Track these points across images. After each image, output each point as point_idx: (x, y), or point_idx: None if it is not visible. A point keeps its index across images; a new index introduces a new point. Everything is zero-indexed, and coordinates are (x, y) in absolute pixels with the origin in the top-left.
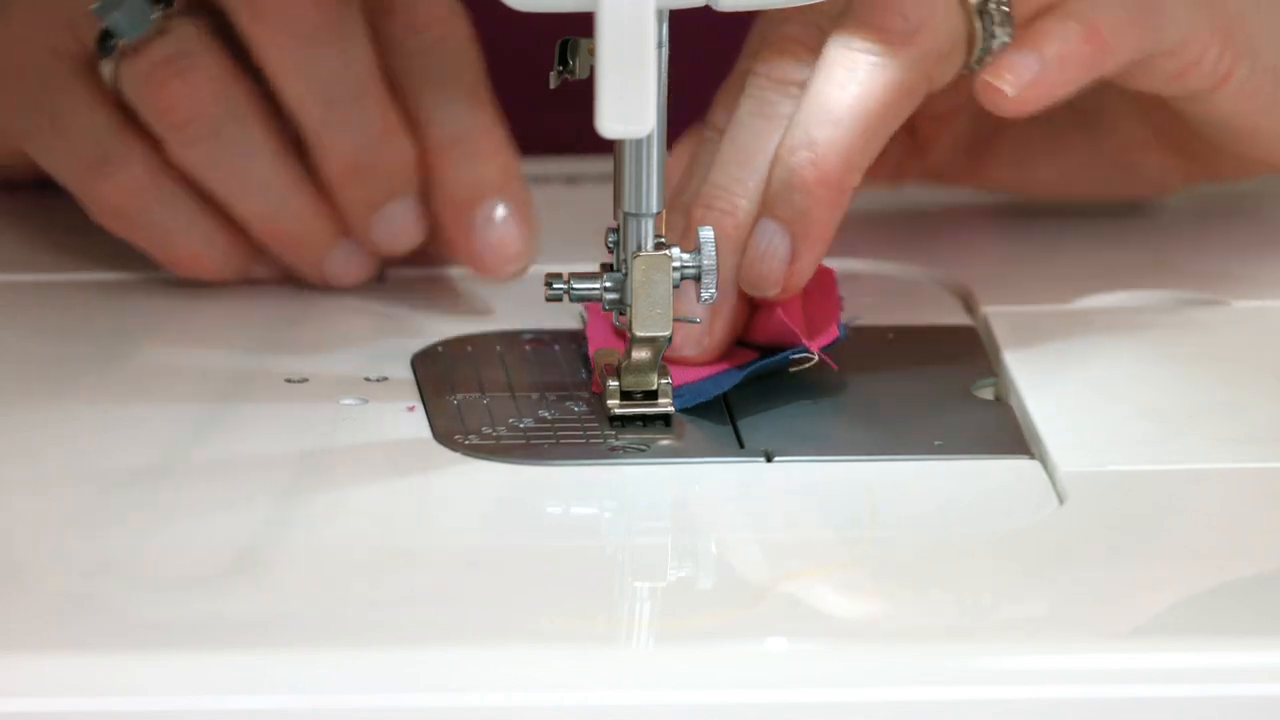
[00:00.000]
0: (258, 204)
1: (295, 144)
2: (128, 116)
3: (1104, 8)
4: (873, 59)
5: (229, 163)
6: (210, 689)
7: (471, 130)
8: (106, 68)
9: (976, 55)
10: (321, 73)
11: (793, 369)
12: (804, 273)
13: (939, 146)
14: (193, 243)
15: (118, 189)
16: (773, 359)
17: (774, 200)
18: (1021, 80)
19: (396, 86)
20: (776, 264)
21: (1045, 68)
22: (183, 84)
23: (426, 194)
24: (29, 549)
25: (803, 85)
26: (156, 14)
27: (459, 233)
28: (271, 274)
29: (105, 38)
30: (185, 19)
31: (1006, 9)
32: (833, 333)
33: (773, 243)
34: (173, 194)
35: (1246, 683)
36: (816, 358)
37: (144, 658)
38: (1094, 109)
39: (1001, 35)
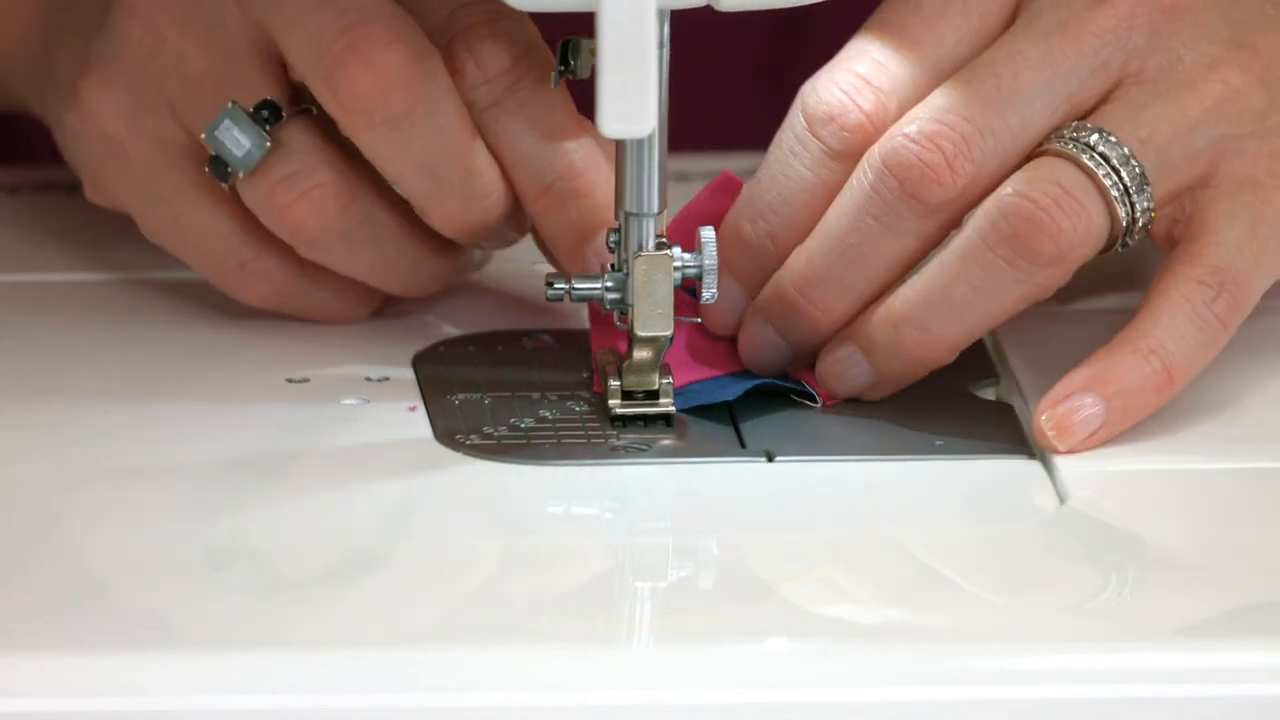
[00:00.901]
0: (394, 275)
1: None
2: (254, 220)
3: (1188, 340)
4: (1014, 273)
5: (362, 256)
6: (210, 689)
7: (562, 171)
8: (224, 184)
9: (1110, 250)
10: (417, 150)
11: (795, 397)
12: (876, 397)
13: None
14: (340, 309)
15: (261, 294)
16: (778, 381)
17: (870, 345)
18: (1078, 435)
19: (486, 135)
20: (853, 386)
21: (1110, 418)
22: (306, 207)
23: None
24: (29, 549)
25: (936, 210)
26: (267, 137)
27: (572, 265)
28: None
29: (217, 162)
30: (294, 126)
31: (1148, 219)
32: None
33: (855, 369)
34: (314, 284)
35: (1246, 683)
36: (821, 405)
37: (144, 658)
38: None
39: (1139, 236)
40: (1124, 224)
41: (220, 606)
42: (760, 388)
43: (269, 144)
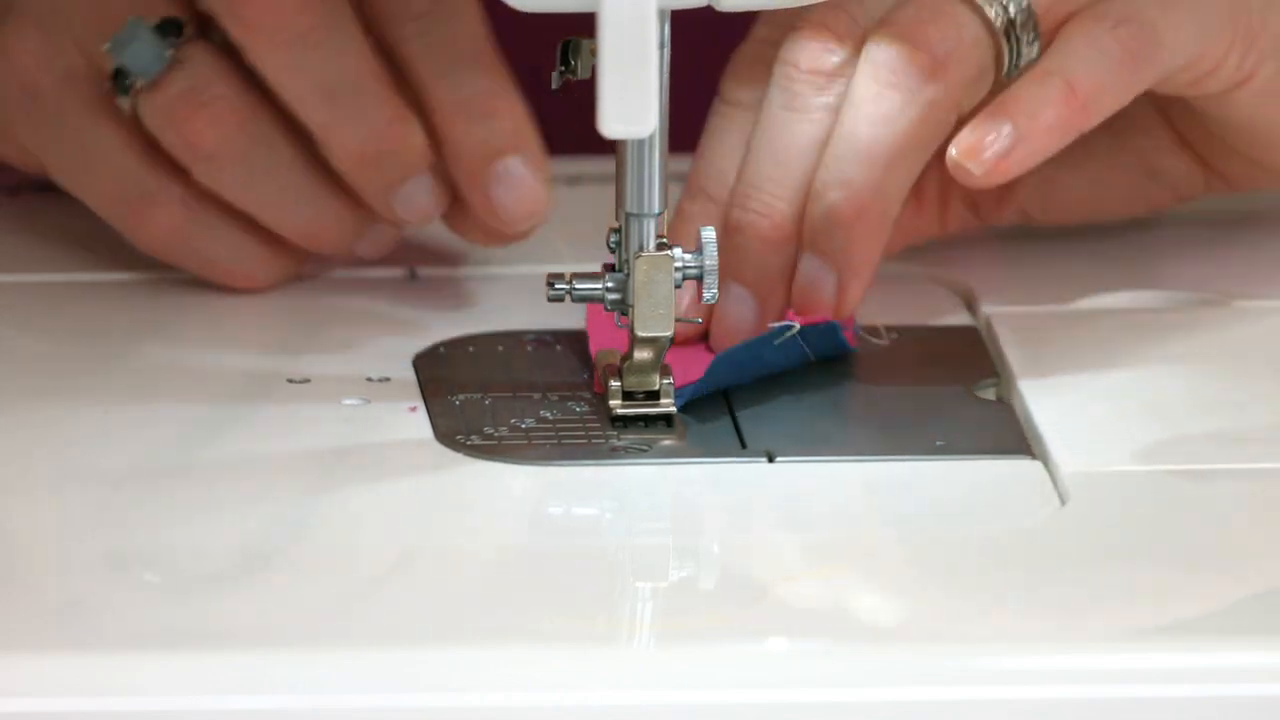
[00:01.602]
0: (292, 215)
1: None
2: (155, 147)
3: (1088, 62)
4: (900, 95)
5: (260, 183)
6: (210, 689)
7: (478, 91)
8: (124, 103)
9: (1006, 71)
10: (317, 71)
11: (775, 341)
12: (854, 300)
13: None
14: (240, 263)
15: (160, 227)
16: (758, 339)
17: (815, 237)
18: (988, 156)
19: (406, 72)
20: (825, 296)
21: (1018, 138)
22: (206, 117)
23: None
24: (29, 549)
25: (833, 75)
26: (169, 49)
27: (474, 193)
28: (313, 269)
29: (119, 75)
30: (196, 46)
31: (1033, 24)
32: (824, 319)
33: (818, 278)
34: (214, 222)
35: (1248, 683)
36: (798, 326)
37: (144, 658)
38: (1119, 113)
39: (1030, 51)
40: (997, 22)
41: (221, 606)
42: (751, 362)
43: (171, 52)
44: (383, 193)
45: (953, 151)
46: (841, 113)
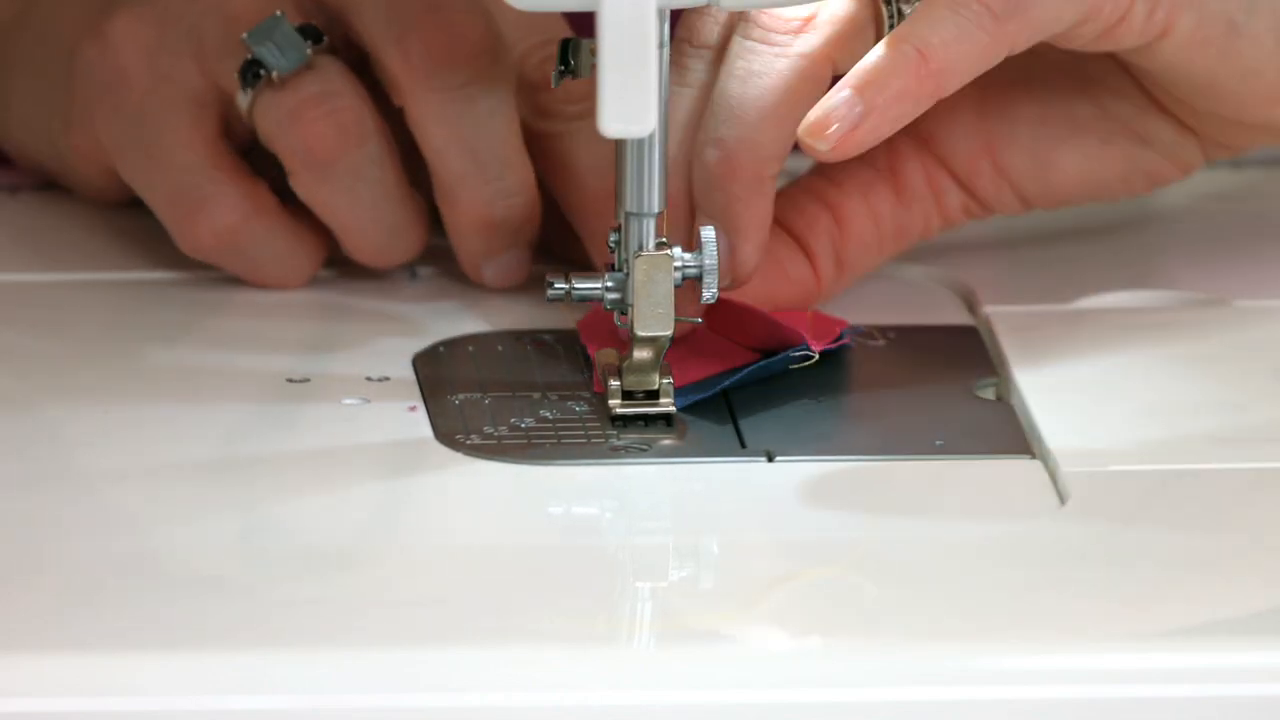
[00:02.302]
0: (371, 239)
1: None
2: (226, 153)
3: (943, 25)
4: (770, 49)
5: (357, 205)
6: (210, 689)
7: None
8: (244, 99)
9: (888, 28)
10: (466, 126)
11: (793, 366)
12: (747, 261)
13: (957, 155)
14: (280, 270)
15: (212, 231)
16: (774, 360)
17: (699, 199)
18: (833, 132)
19: (555, 148)
20: (719, 262)
21: (867, 110)
22: (330, 125)
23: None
24: (29, 548)
25: (716, 48)
26: (309, 48)
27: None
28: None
29: (250, 67)
30: (330, 57)
31: None
32: (834, 333)
33: (715, 245)
34: (265, 231)
35: (1247, 683)
36: (817, 356)
37: (144, 658)
38: (1093, 77)
39: (908, 11)
40: None
41: (220, 606)
42: (759, 374)
43: (310, 52)
44: (482, 257)
45: (799, 130)
46: (719, 76)
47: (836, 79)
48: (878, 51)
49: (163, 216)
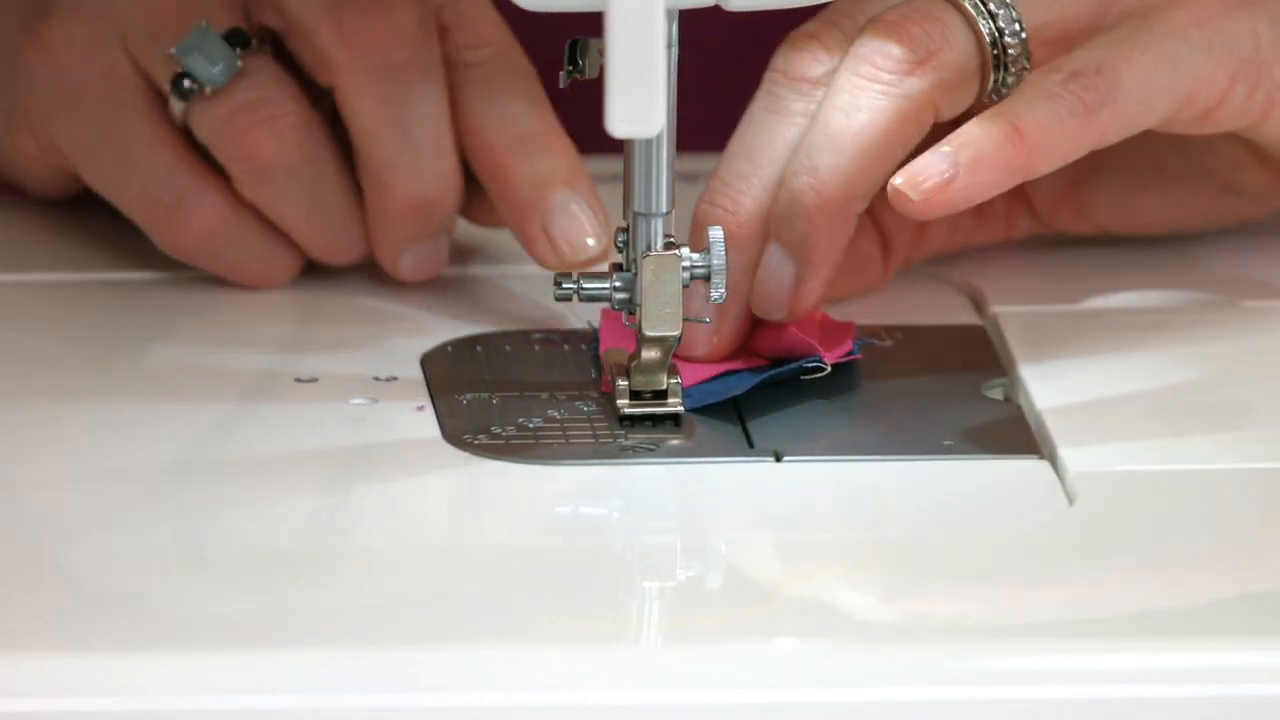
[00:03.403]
0: (319, 235)
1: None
2: (194, 152)
3: (1036, 109)
4: (878, 86)
5: (300, 202)
6: (213, 689)
7: (535, 128)
8: (177, 107)
9: (992, 88)
10: (399, 105)
11: (804, 377)
12: (810, 297)
13: (1042, 192)
14: (262, 268)
15: (193, 234)
16: (785, 368)
17: (778, 224)
18: (927, 186)
19: (454, 99)
20: (782, 289)
21: (960, 170)
22: (267, 132)
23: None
24: (30, 548)
25: (816, 83)
26: (238, 56)
27: (531, 227)
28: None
29: (180, 80)
30: (260, 59)
31: (1025, 58)
32: (847, 346)
33: (778, 268)
34: (246, 231)
35: (1255, 683)
36: (829, 368)
37: (144, 657)
38: (1190, 136)
39: (1014, 74)
40: (985, 28)
41: (224, 606)
42: (770, 379)
43: (239, 64)
44: (403, 243)
45: (896, 180)
46: (820, 106)
47: (938, 125)
48: (976, 119)
49: (138, 218)
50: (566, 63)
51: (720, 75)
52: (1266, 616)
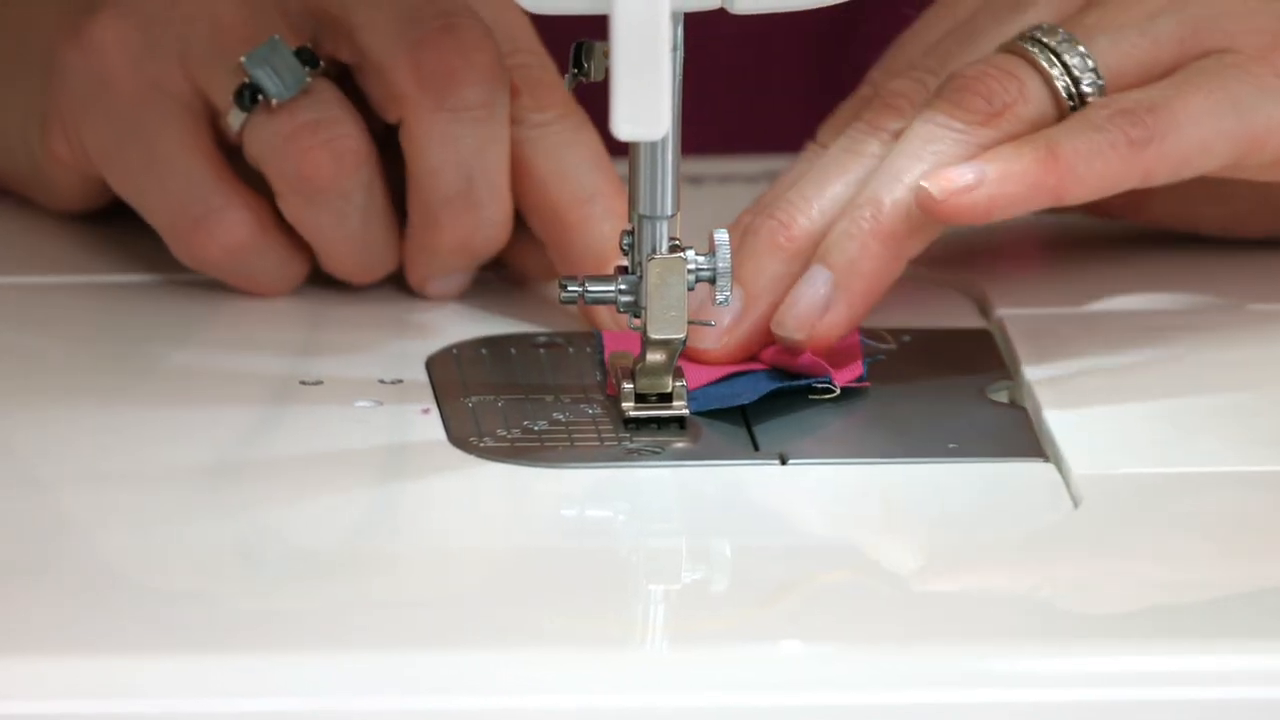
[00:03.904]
0: (352, 260)
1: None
2: (225, 165)
3: (1076, 136)
4: (952, 134)
5: (347, 229)
6: (217, 691)
7: (602, 190)
8: (236, 119)
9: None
10: (466, 149)
11: (812, 397)
12: (837, 326)
13: None
14: (273, 280)
15: (219, 247)
16: (794, 383)
17: (829, 246)
18: (950, 187)
19: (517, 154)
20: (814, 310)
21: (985, 182)
22: (326, 154)
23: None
24: (35, 551)
25: (896, 134)
26: (307, 75)
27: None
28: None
29: (245, 90)
30: (327, 80)
31: (1099, 90)
32: (857, 369)
33: (815, 287)
34: (270, 247)
35: (1262, 686)
36: (839, 390)
37: (150, 659)
38: None
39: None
40: (1061, 85)
41: (228, 608)
42: (777, 391)
43: (308, 80)
44: (438, 274)
45: (923, 180)
46: (892, 150)
47: None
48: (1010, 145)
49: (162, 226)
50: (571, 65)
51: (725, 78)
52: (1273, 619)
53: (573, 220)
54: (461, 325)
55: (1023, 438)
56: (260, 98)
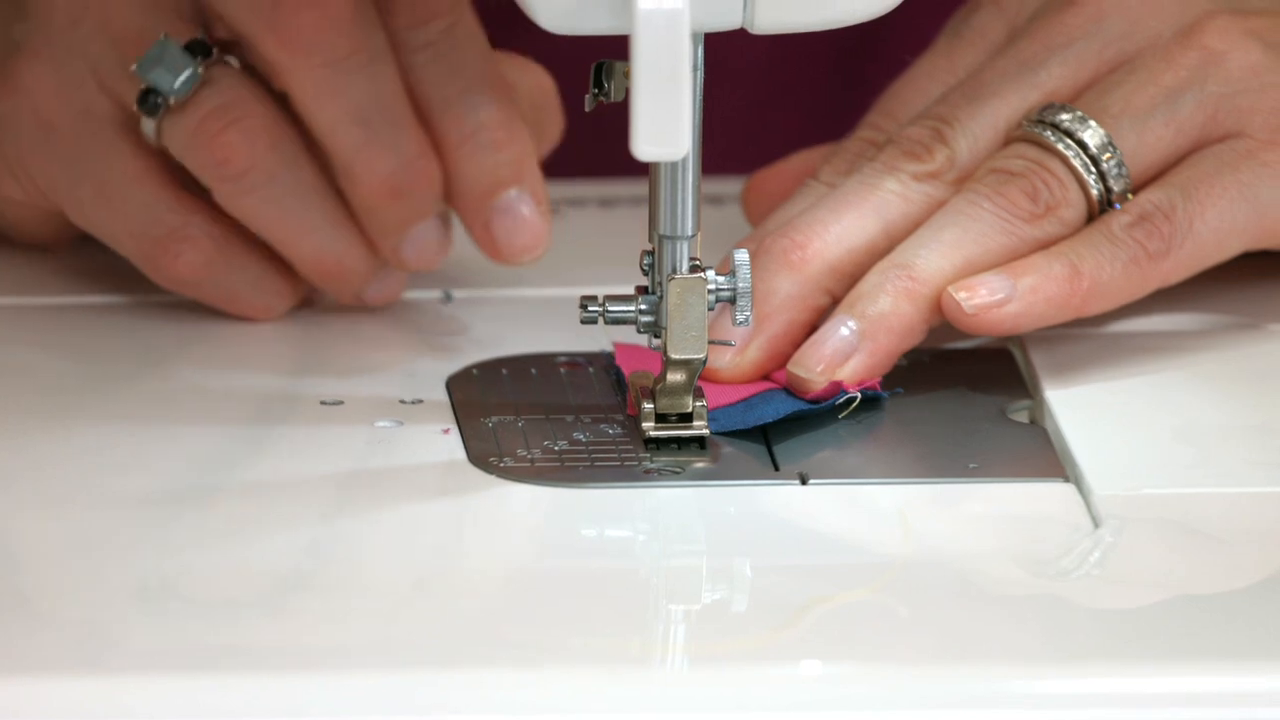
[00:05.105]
0: (311, 244)
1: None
2: (178, 181)
3: (1098, 252)
4: (1000, 222)
5: (283, 208)
6: (240, 712)
7: (484, 123)
8: (149, 125)
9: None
10: (354, 97)
11: (841, 416)
12: (854, 374)
13: None
14: (260, 296)
15: (186, 264)
16: (816, 406)
17: (860, 295)
18: (979, 302)
19: (407, 83)
20: (838, 356)
21: (1014, 297)
22: (237, 134)
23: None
24: (54, 572)
25: (914, 175)
26: (199, 66)
27: (476, 223)
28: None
29: (147, 95)
30: (222, 68)
31: (1125, 186)
32: (873, 384)
33: (839, 333)
34: (239, 259)
35: None
36: (860, 397)
37: (169, 681)
38: None
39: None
40: (1096, 192)
41: (252, 630)
42: (798, 414)
43: (201, 71)
44: (395, 231)
45: (950, 289)
46: (938, 211)
47: None
48: (1035, 258)
49: (128, 253)
50: (592, 85)
51: (746, 98)
52: None
53: (460, 155)
54: (482, 345)
55: (1043, 458)
56: (160, 100)
